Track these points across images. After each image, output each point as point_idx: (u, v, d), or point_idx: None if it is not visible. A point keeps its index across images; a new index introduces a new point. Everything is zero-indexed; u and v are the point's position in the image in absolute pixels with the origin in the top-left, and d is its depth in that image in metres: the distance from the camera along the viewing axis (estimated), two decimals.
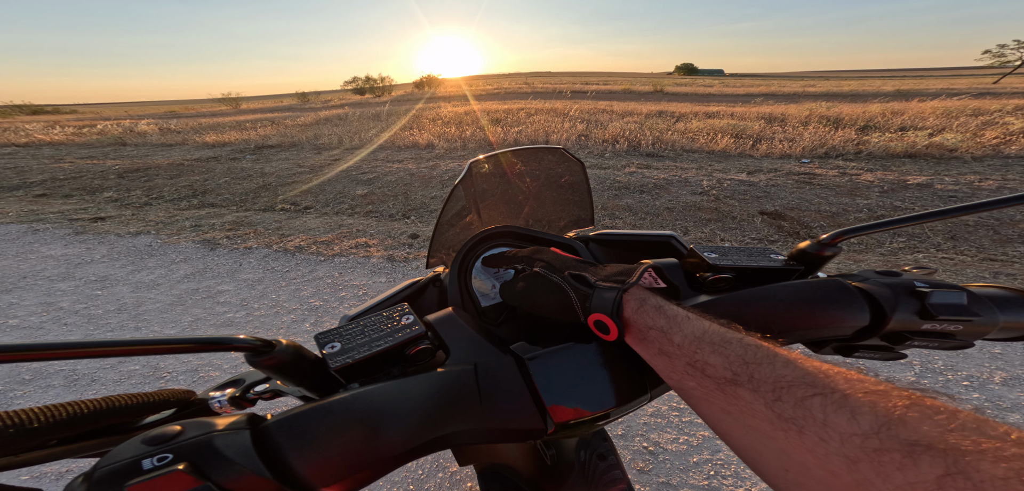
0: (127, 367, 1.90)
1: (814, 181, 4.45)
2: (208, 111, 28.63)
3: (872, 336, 0.32)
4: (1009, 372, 1.54)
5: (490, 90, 26.37)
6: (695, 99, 16.35)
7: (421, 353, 0.31)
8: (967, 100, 9.62)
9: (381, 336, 0.31)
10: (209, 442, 0.21)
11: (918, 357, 1.63)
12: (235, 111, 26.63)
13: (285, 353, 0.27)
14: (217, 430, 0.22)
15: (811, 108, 9.62)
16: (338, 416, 0.24)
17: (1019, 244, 2.77)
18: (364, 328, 0.32)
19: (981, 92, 13.47)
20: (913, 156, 5.40)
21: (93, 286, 2.79)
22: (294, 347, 0.28)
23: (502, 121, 9.74)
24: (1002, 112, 7.51)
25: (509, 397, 0.29)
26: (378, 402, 0.25)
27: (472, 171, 0.60)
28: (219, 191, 5.39)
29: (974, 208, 0.31)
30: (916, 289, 0.31)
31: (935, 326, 0.30)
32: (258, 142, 9.23)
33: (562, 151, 0.65)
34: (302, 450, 0.23)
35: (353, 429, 0.24)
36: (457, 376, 0.29)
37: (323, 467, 0.23)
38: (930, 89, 15.94)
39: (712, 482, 1.25)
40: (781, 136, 6.59)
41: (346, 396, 0.25)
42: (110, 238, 3.65)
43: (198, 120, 17.93)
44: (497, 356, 0.32)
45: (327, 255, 3.04)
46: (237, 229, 3.73)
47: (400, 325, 0.32)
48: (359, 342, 0.30)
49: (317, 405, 0.25)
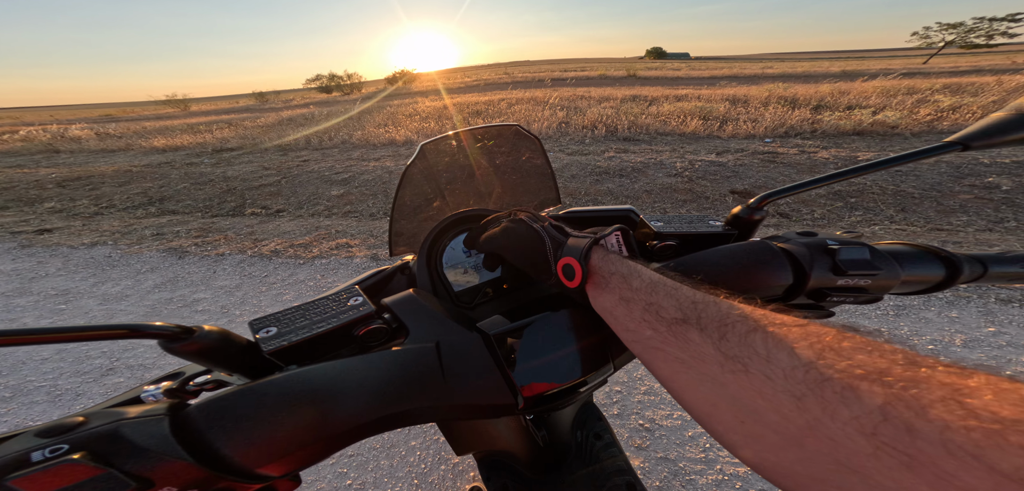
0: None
1: (777, 160, 4.76)
2: (152, 114, 26.30)
3: (798, 294, 0.34)
4: (968, 335, 1.70)
5: (469, 82, 25.80)
6: (665, 83, 16.83)
7: (372, 333, 0.30)
8: (902, 80, 10.55)
9: (324, 318, 0.30)
10: (114, 430, 0.20)
11: (886, 326, 1.77)
12: (184, 113, 24.61)
13: (208, 339, 0.24)
14: (126, 418, 0.20)
15: (770, 89, 10.19)
16: (269, 396, 0.23)
17: (961, 213, 3.12)
18: (305, 311, 0.31)
19: (912, 71, 14.78)
20: (860, 133, 5.89)
21: (55, 300, 2.56)
22: (220, 332, 0.26)
23: (483, 113, 9.62)
24: (932, 90, 8.31)
25: (476, 374, 0.29)
26: (319, 381, 0.24)
27: (426, 153, 0.58)
28: (179, 197, 5.02)
29: (875, 166, 0.35)
30: (828, 246, 0.34)
31: (847, 282, 0.32)
32: (216, 145, 8.62)
33: (517, 128, 0.64)
34: (229, 432, 0.22)
35: (289, 408, 0.23)
36: (416, 353, 0.28)
37: (256, 448, 0.22)
38: (871, 69, 17.28)
39: (708, 454, 1.32)
40: (745, 117, 6.97)
41: (279, 377, 0.24)
42: (62, 250, 3.34)
43: (141, 124, 16.46)
44: (461, 333, 0.31)
45: (306, 258, 2.94)
46: (205, 235, 3.51)
47: (346, 306, 0.31)
48: (298, 325, 0.29)
49: (245, 386, 0.24)
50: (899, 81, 10.12)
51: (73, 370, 1.91)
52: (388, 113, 11.39)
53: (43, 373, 1.90)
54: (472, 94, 15.90)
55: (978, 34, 50.58)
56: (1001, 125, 0.31)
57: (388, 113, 11.39)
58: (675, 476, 1.28)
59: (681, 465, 1.31)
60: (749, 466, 0.20)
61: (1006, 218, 3.01)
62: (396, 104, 14.36)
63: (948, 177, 3.70)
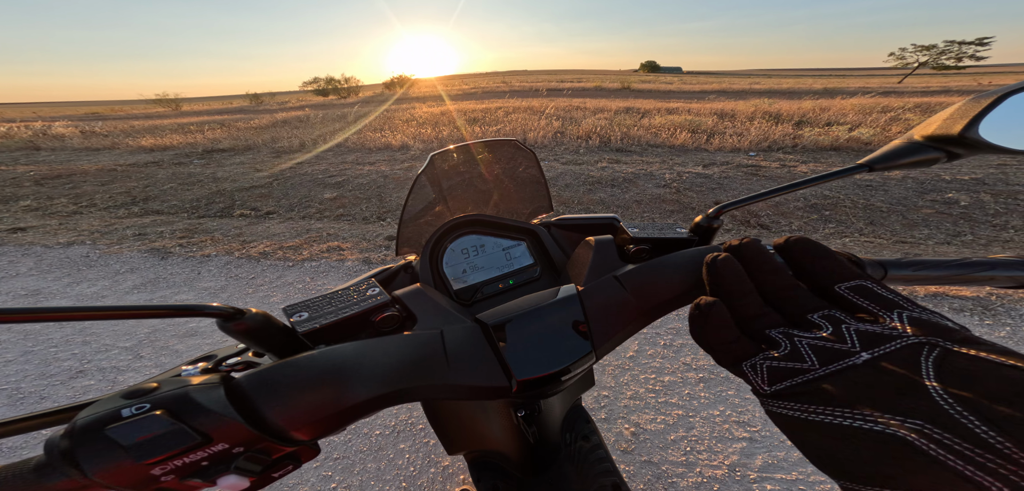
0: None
1: (760, 173, 4.91)
2: (141, 113, 25.81)
3: None
4: None
5: (467, 90, 26.02)
6: (658, 96, 17.25)
7: (387, 320, 0.34)
8: (878, 98, 11.03)
9: (347, 306, 0.34)
10: (185, 393, 0.23)
11: None
12: (175, 113, 24.23)
13: (255, 320, 0.28)
14: (192, 384, 0.24)
15: (756, 104, 10.53)
16: (304, 370, 0.26)
17: (924, 227, 3.28)
18: (331, 299, 0.35)
19: (888, 90, 15.47)
20: (837, 149, 6.12)
21: (24, 300, 2.48)
22: (263, 315, 0.29)
23: (479, 120, 9.69)
24: (904, 109, 8.70)
25: (475, 359, 0.32)
26: (343, 358, 0.28)
27: (434, 163, 0.64)
28: (164, 198, 4.92)
29: (813, 181, 0.40)
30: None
31: None
32: (206, 145, 8.50)
33: (516, 143, 0.69)
34: (271, 400, 0.25)
35: (319, 382, 0.26)
36: (423, 339, 0.31)
37: (292, 414, 0.25)
38: (850, 87, 17.99)
39: (689, 457, 1.36)
40: (731, 131, 7.18)
41: (312, 353, 0.27)
42: (36, 249, 3.23)
43: (130, 123, 16.14)
44: (463, 323, 0.34)
45: (296, 260, 2.91)
46: (191, 236, 3.45)
47: (366, 296, 0.35)
48: (326, 311, 0.33)
49: (285, 361, 0.27)
50: (875, 99, 10.57)
51: (38, 372, 1.85)
52: (384, 117, 11.41)
53: (5, 376, 1.83)
54: (470, 101, 16.02)
55: (949, 56, 53.17)
56: (898, 151, 0.37)
57: (384, 117, 11.41)
58: (658, 479, 1.30)
59: (664, 468, 1.33)
60: None
61: (963, 232, 3.16)
62: (392, 109, 14.38)
63: (913, 193, 3.87)
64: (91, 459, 0.21)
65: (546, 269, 0.54)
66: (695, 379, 1.66)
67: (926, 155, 0.36)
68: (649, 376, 1.69)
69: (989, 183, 3.98)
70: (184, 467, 0.22)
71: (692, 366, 1.72)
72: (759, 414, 1.48)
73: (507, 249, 0.54)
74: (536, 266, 0.54)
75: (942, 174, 4.25)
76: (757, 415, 1.48)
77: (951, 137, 0.34)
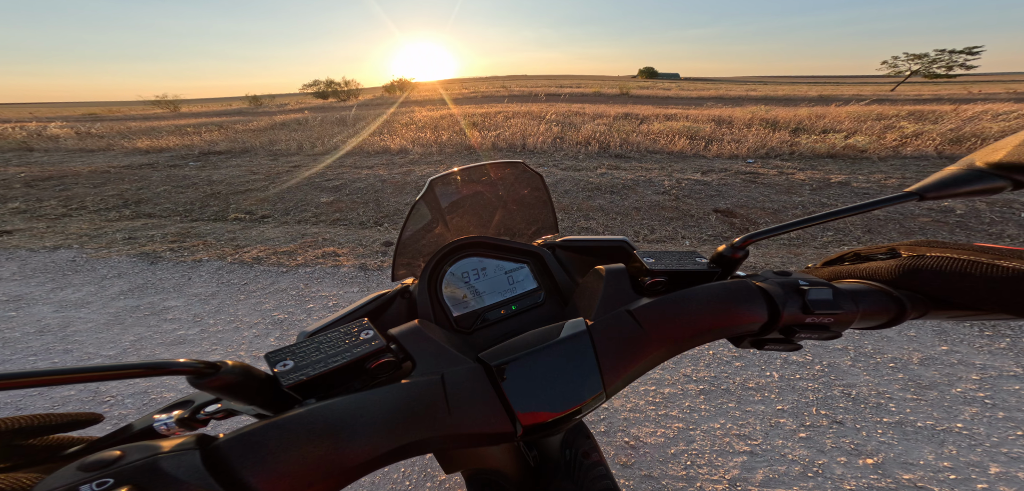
0: (59, 393, 1.67)
1: (758, 180, 4.92)
2: (139, 114, 25.73)
3: (772, 330, 0.36)
4: (924, 353, 1.80)
5: (466, 94, 26.13)
6: (656, 102, 17.37)
7: (383, 366, 0.31)
8: (872, 106, 11.15)
9: (338, 352, 0.31)
10: (154, 464, 0.20)
11: (852, 345, 1.86)
12: (173, 114, 24.17)
13: (232, 373, 0.26)
14: (162, 452, 0.21)
15: (753, 111, 10.61)
16: (292, 431, 0.24)
17: (920, 235, 3.30)
18: (319, 345, 0.32)
19: (881, 98, 15.68)
20: (834, 156, 6.16)
21: (4, 306, 2.41)
22: (242, 367, 0.27)
23: (479, 124, 9.70)
24: (898, 117, 8.80)
25: (477, 404, 0.30)
26: (336, 415, 0.25)
27: (434, 188, 0.61)
28: (157, 201, 4.86)
29: (856, 210, 0.38)
30: (799, 287, 0.36)
31: (814, 319, 0.35)
32: (203, 148, 8.44)
33: (523, 165, 0.67)
34: (257, 466, 0.22)
35: (310, 442, 0.24)
36: (423, 386, 0.29)
37: (280, 481, 0.23)
38: (845, 94, 18.21)
39: (689, 472, 1.33)
40: (729, 137, 7.22)
41: (301, 411, 0.25)
42: (20, 253, 3.17)
43: (126, 124, 16.05)
44: (465, 364, 0.32)
45: (290, 266, 2.86)
46: (182, 241, 3.39)
47: (359, 340, 0.32)
48: (314, 359, 0.30)
49: (271, 421, 0.24)
50: (869, 107, 10.69)
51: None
52: (384, 121, 11.40)
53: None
54: (470, 105, 16.08)
55: (940, 65, 54.07)
56: (956, 178, 0.34)
57: (384, 121, 11.40)
58: None
59: (664, 482, 1.30)
60: None
61: (959, 241, 3.17)
62: (392, 113, 14.39)
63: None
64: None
65: (550, 294, 0.52)
66: (695, 391, 1.63)
67: (990, 184, 0.33)
68: (649, 387, 1.66)
69: None
70: None
71: (692, 377, 1.69)
72: (759, 427, 1.46)
73: (509, 272, 0.52)
74: (540, 290, 0.51)
75: None
76: (758, 428, 1.45)
77: (1021, 165, 0.30)
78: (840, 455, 1.35)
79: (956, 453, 1.35)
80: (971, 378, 1.64)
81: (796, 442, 1.40)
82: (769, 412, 1.52)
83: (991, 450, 1.34)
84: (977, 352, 1.79)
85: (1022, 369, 1.67)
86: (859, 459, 1.34)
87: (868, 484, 1.26)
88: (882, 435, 1.42)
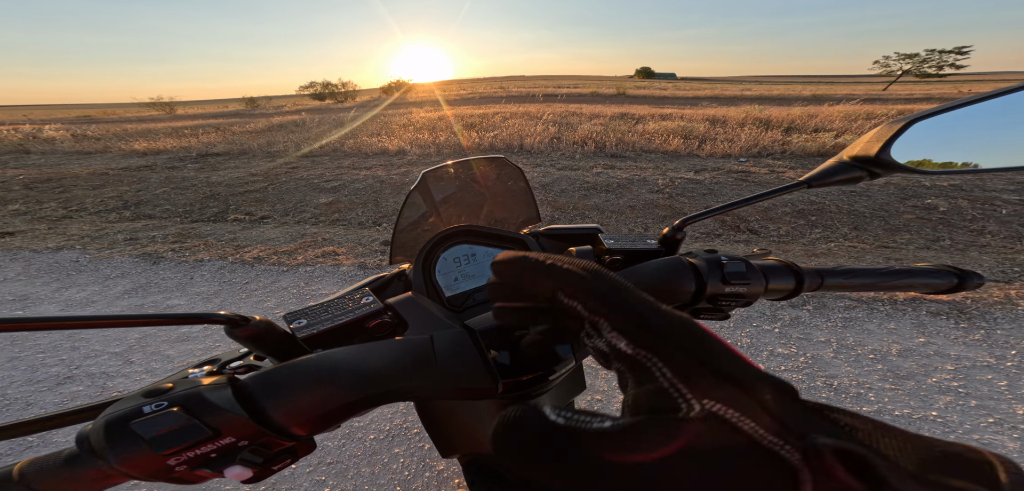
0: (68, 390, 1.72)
1: (750, 179, 5.00)
2: (135, 116, 25.59)
3: (701, 299, 0.42)
4: (903, 345, 1.86)
5: (465, 95, 26.12)
6: (652, 102, 17.46)
7: (380, 326, 0.37)
8: (863, 105, 11.29)
9: (343, 313, 0.36)
10: (197, 392, 0.25)
11: (835, 335, 1.93)
12: (169, 116, 24.05)
13: (259, 326, 0.31)
14: (202, 384, 0.26)
15: (747, 111, 10.71)
16: (303, 372, 0.28)
17: (904, 232, 3.37)
18: (328, 306, 0.37)
19: (873, 98, 15.84)
20: (824, 155, 6.25)
21: (11, 306, 2.46)
22: (266, 321, 0.32)
23: (477, 126, 9.72)
24: (887, 116, 8.91)
25: (463, 362, 0.34)
26: (339, 360, 0.30)
27: (426, 180, 0.68)
28: (157, 202, 4.89)
29: (770, 194, 0.45)
30: (720, 262, 0.42)
31: (731, 289, 0.41)
32: (201, 150, 8.45)
33: (504, 159, 0.74)
34: (274, 399, 0.27)
35: (316, 382, 0.28)
36: (414, 344, 0.34)
37: (292, 412, 0.27)
38: (838, 94, 18.36)
39: None
40: (722, 137, 7.30)
41: (311, 357, 0.30)
42: (24, 254, 3.20)
43: (123, 126, 15.99)
44: (452, 329, 0.37)
45: (290, 265, 2.91)
46: (184, 241, 3.43)
47: (360, 304, 0.38)
48: (323, 318, 0.35)
49: (285, 364, 0.29)
50: (861, 107, 10.82)
51: (25, 378, 1.83)
52: (382, 122, 11.42)
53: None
54: (467, 106, 16.09)
55: (930, 65, 54.56)
56: (832, 169, 0.41)
57: (382, 122, 11.42)
58: None
59: None
60: None
61: (941, 237, 3.26)
62: (389, 113, 14.41)
63: (895, 198, 3.98)
64: (117, 451, 0.23)
65: None
66: None
67: (852, 174, 0.39)
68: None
69: (966, 189, 4.10)
70: (195, 458, 0.25)
71: None
72: None
73: None
74: None
75: (922, 181, 4.37)
76: None
77: (869, 158, 0.37)
78: None
79: None
80: (946, 368, 1.71)
81: None
82: None
83: (963, 437, 1.40)
84: (953, 343, 1.86)
85: (995, 359, 1.74)
86: None
87: None
88: None
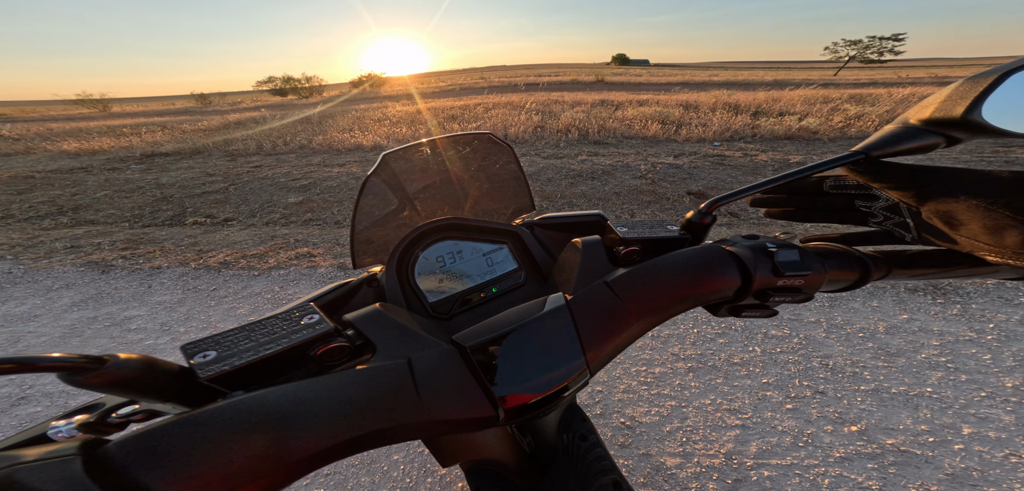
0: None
1: (725, 162, 5.17)
2: (60, 114, 22.92)
3: (746, 296, 0.36)
4: (888, 322, 1.94)
5: (445, 86, 25.20)
6: (629, 88, 17.67)
7: (332, 352, 0.28)
8: (819, 90, 11.99)
9: (272, 339, 0.27)
10: (7, 477, 0.17)
11: (824, 317, 1.96)
12: (102, 114, 21.70)
13: (127, 368, 0.21)
14: (23, 461, 0.17)
15: (716, 96, 11.08)
16: (210, 425, 0.21)
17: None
18: (250, 333, 0.28)
19: (827, 82, 16.92)
20: (790, 138, 6.59)
21: None
22: (142, 359, 0.23)
23: (459, 117, 9.38)
24: (842, 100, 9.53)
25: (453, 388, 0.28)
26: (269, 405, 0.22)
27: (389, 162, 0.57)
28: (98, 207, 4.37)
29: (812, 169, 0.39)
30: (767, 249, 0.36)
31: (785, 281, 0.35)
32: (145, 149, 7.65)
33: (490, 136, 0.63)
34: (161, 469, 0.19)
35: (234, 437, 0.21)
36: (385, 371, 0.27)
37: (192, 484, 0.19)
38: (795, 79, 19.41)
39: (685, 448, 1.36)
40: (696, 122, 7.51)
41: (222, 404, 0.22)
42: None
43: (46, 125, 14.26)
44: (435, 347, 0.30)
45: (262, 269, 2.69)
46: (135, 247, 3.08)
47: (299, 325, 0.28)
48: (242, 348, 0.26)
49: (179, 417, 0.21)
50: (817, 91, 11.49)
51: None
52: (354, 117, 10.83)
53: None
54: (447, 98, 15.53)
55: (872, 51, 58.99)
56: (894, 136, 0.34)
57: (354, 117, 10.83)
58: (657, 471, 1.32)
59: (662, 460, 1.35)
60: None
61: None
62: (363, 108, 13.69)
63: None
64: None
65: (532, 273, 0.50)
66: (685, 369, 1.71)
67: (924, 140, 0.33)
68: (640, 368, 1.72)
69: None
70: None
71: (680, 356, 1.77)
72: (749, 401, 1.54)
73: (488, 254, 0.50)
74: (520, 270, 0.50)
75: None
76: (747, 402, 1.54)
77: (952, 120, 0.30)
78: (826, 424, 1.42)
79: (931, 416, 1.43)
80: (932, 344, 1.78)
81: (784, 414, 1.48)
82: (755, 386, 1.60)
83: (961, 412, 1.43)
84: (933, 319, 1.95)
85: (975, 334, 1.82)
86: (844, 427, 1.41)
87: (856, 450, 1.33)
88: (862, 402, 1.50)
